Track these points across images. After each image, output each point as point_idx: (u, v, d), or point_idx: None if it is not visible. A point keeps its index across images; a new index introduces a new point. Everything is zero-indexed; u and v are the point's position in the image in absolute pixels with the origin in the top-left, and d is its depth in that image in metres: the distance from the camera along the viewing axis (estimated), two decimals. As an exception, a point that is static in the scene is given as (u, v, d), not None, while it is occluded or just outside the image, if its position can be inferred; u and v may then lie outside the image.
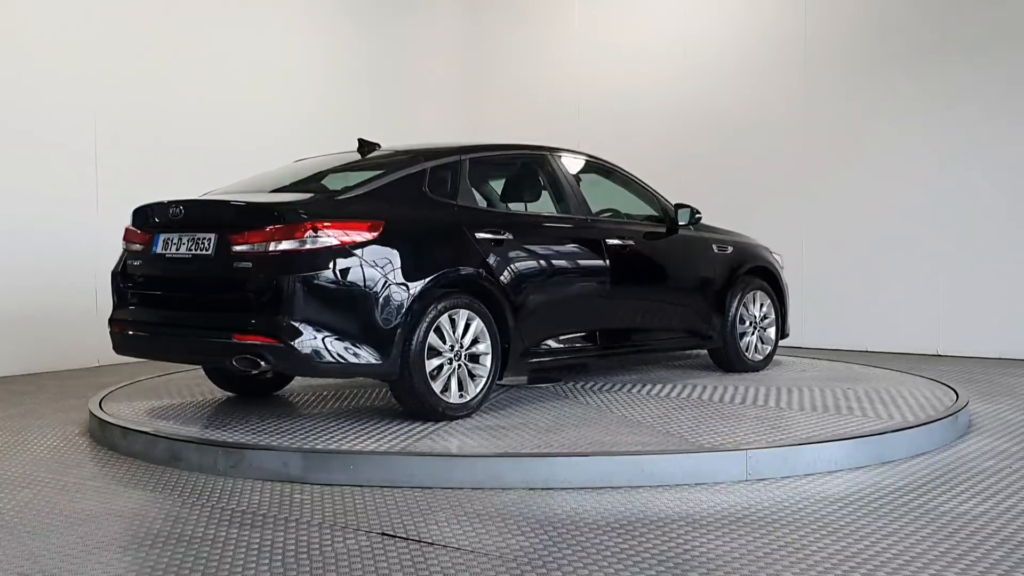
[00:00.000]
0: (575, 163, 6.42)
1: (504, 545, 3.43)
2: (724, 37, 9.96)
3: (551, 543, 3.45)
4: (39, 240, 7.88)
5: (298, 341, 4.66)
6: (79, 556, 3.39)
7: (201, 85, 8.95)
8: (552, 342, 5.68)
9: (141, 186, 7.27)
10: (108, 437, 5.16)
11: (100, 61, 8.26)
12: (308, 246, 4.71)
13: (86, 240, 7.90)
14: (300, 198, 5.07)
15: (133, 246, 5.40)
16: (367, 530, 3.63)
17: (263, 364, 4.77)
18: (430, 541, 3.48)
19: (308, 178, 5.60)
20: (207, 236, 4.95)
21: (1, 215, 7.71)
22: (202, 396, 6.02)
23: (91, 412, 5.50)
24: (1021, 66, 8.31)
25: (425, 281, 4.96)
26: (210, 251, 4.93)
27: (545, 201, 6.18)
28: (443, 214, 5.32)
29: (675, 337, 6.57)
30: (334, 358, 4.74)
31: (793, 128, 9.49)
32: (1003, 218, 8.41)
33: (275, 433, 4.82)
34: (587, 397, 5.83)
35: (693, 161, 9.98)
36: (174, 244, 5.12)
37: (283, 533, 3.61)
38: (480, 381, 5.21)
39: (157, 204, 5.30)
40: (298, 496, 4.12)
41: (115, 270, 5.51)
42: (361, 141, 5.98)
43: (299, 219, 4.76)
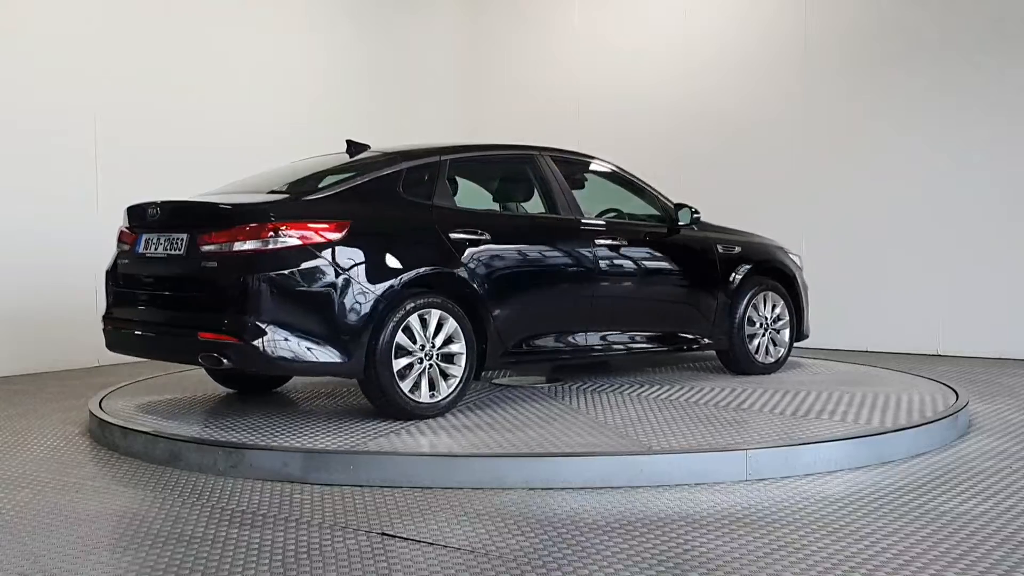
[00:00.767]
0: (567, 163, 6.31)
1: (504, 545, 3.43)
2: (724, 37, 9.96)
3: (551, 543, 3.45)
4: (39, 240, 7.89)
5: (259, 340, 4.72)
6: (79, 556, 3.39)
7: (201, 85, 8.96)
8: (535, 342, 5.65)
9: (141, 186, 7.25)
10: (108, 437, 5.17)
11: (100, 61, 8.26)
12: (270, 246, 4.78)
13: (86, 240, 7.89)
14: (268, 199, 5.13)
15: (123, 246, 5.52)
16: (367, 530, 3.63)
17: (225, 362, 4.83)
18: (430, 541, 3.48)
19: (299, 179, 5.59)
20: (180, 236, 5.07)
21: (1, 215, 7.71)
22: (202, 396, 6.03)
23: (91, 412, 5.51)
24: (1021, 66, 8.32)
25: (392, 281, 5.00)
26: (182, 251, 5.04)
27: (536, 201, 6.14)
28: (416, 214, 5.33)
29: (673, 338, 6.41)
30: (296, 357, 4.79)
31: (793, 128, 9.49)
32: (1003, 218, 8.41)
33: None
34: (570, 398, 5.78)
35: (693, 161, 9.98)
36: (153, 244, 5.24)
37: (283, 533, 3.61)
38: (453, 381, 5.22)
39: (139, 205, 5.42)
40: (298, 496, 4.12)
41: (108, 269, 5.63)
42: (349, 142, 5.99)
43: (261, 219, 4.83)
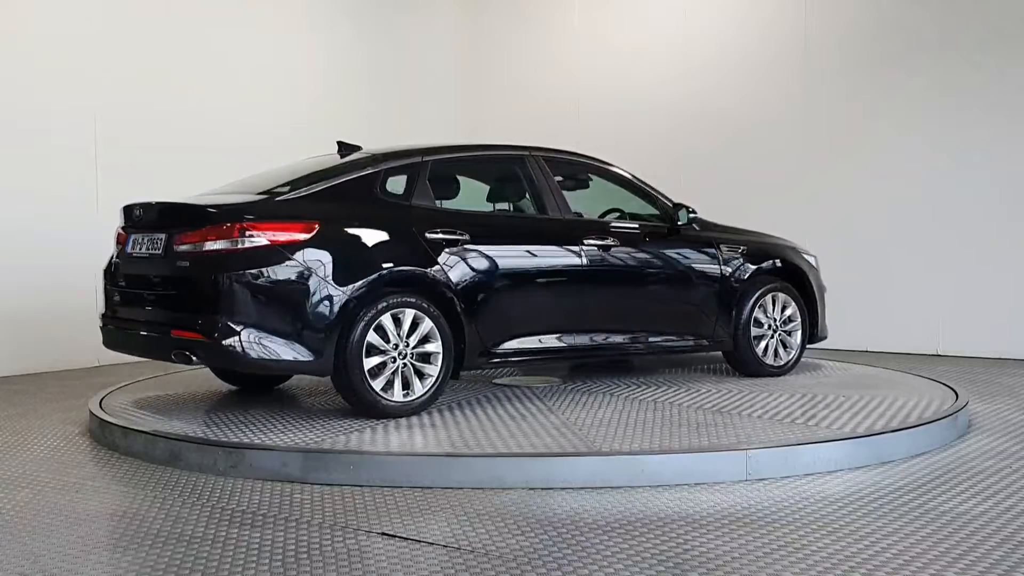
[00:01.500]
0: (560, 163, 6.25)
1: (504, 545, 3.43)
2: (724, 37, 9.96)
3: (551, 543, 3.45)
4: (39, 240, 7.89)
5: (226, 338, 4.80)
6: (79, 556, 3.39)
7: (201, 85, 8.95)
8: (517, 343, 5.63)
9: (141, 186, 7.25)
10: (108, 437, 5.17)
11: (100, 61, 8.26)
12: (239, 246, 4.86)
13: (86, 240, 7.89)
14: (243, 200, 5.21)
15: (118, 246, 5.64)
16: (367, 530, 3.63)
17: (195, 360, 4.94)
18: (430, 541, 3.48)
19: (285, 180, 5.54)
20: (160, 236, 5.19)
21: (1, 215, 7.71)
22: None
23: (91, 412, 5.51)
24: (1021, 66, 8.31)
25: (363, 280, 5.04)
26: (161, 251, 5.16)
27: (528, 202, 6.11)
28: (392, 215, 5.36)
29: (669, 340, 6.26)
30: (263, 355, 4.87)
31: (793, 128, 9.49)
32: (1003, 218, 8.41)
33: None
34: (555, 398, 5.76)
35: (693, 161, 9.98)
36: (139, 244, 5.37)
37: (283, 533, 3.61)
38: (429, 380, 5.23)
39: (128, 205, 5.56)
40: (298, 496, 4.12)
41: (104, 268, 5.73)
42: (340, 144, 5.99)
43: (229, 220, 4.92)
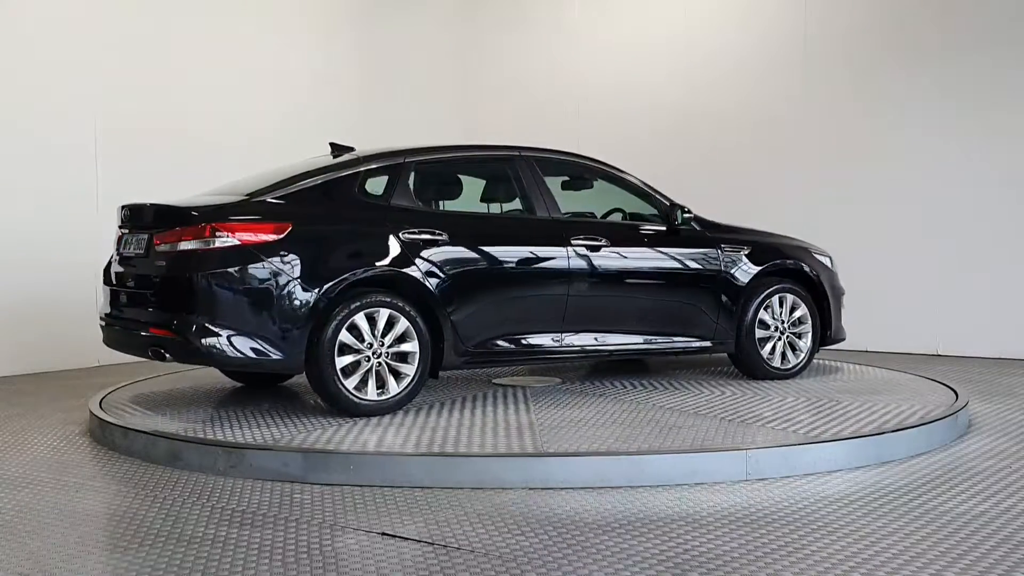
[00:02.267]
0: (552, 163, 6.19)
1: (504, 545, 3.43)
2: (724, 37, 9.95)
3: (551, 543, 3.45)
4: (39, 239, 7.88)
5: (196, 336, 4.93)
6: (79, 556, 3.39)
7: (200, 85, 8.95)
8: (499, 343, 5.62)
9: (141, 186, 7.26)
10: (108, 437, 5.17)
11: (100, 60, 8.26)
12: (210, 246, 4.97)
13: (86, 239, 7.90)
14: (220, 200, 5.31)
15: (115, 246, 5.74)
16: (367, 530, 3.63)
17: (168, 357, 5.08)
18: (430, 541, 3.48)
19: (271, 182, 5.51)
20: (143, 237, 5.33)
21: (1, 214, 7.71)
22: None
23: (91, 412, 5.52)
24: (1021, 66, 8.31)
25: (335, 280, 5.11)
26: (143, 251, 5.30)
27: (519, 202, 6.08)
28: (369, 215, 5.42)
29: (662, 341, 6.17)
30: (233, 352, 4.99)
31: (793, 128, 9.49)
32: (1003, 218, 8.41)
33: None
34: (538, 398, 5.75)
35: (693, 161, 9.97)
36: (128, 244, 5.50)
37: (283, 533, 3.61)
38: (405, 380, 5.26)
39: (120, 207, 5.69)
40: (298, 496, 4.12)
41: (104, 267, 5.84)
42: (333, 145, 6.01)
43: (203, 221, 5.03)
